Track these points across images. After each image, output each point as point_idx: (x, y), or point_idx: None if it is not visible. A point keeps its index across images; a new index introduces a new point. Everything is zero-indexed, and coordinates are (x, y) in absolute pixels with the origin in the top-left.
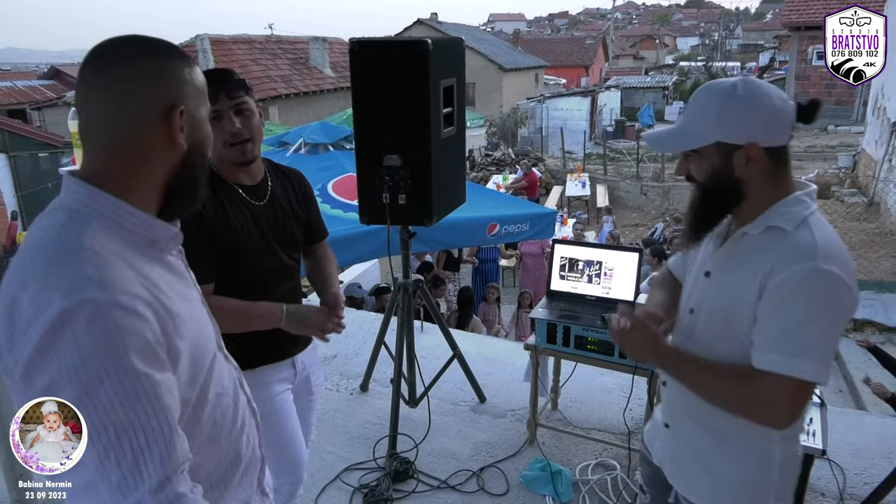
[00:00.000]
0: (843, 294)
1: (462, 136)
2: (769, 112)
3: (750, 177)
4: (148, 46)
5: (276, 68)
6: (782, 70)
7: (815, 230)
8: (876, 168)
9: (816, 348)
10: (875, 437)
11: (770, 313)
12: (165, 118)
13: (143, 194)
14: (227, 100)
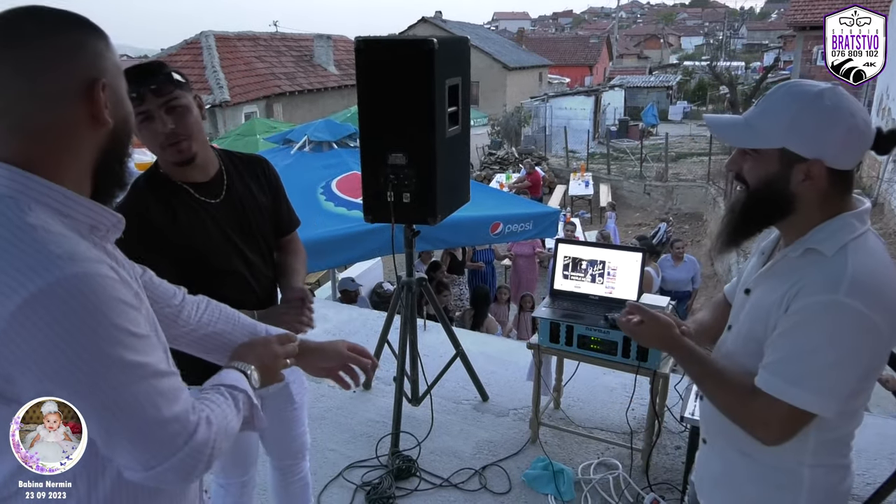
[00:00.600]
0: (862, 331)
1: (467, 135)
2: (849, 131)
3: (804, 194)
4: (59, 18)
5: (280, 66)
6: (787, 70)
7: (852, 258)
8: (880, 169)
9: (819, 379)
10: (877, 437)
11: (781, 336)
12: (87, 95)
13: (72, 179)
14: (154, 98)
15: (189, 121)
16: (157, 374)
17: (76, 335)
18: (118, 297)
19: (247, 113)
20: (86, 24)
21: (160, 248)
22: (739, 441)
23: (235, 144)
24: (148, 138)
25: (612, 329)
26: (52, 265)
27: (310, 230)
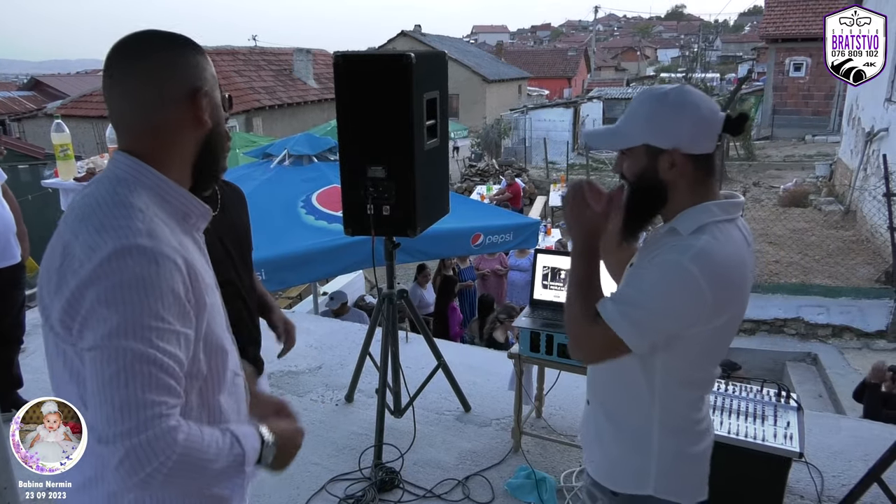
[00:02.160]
0: (691, 291)
1: (445, 147)
2: (695, 121)
3: (673, 180)
4: (170, 38)
5: (259, 80)
6: (760, 81)
7: (706, 237)
8: (852, 177)
9: (644, 320)
10: (852, 440)
11: (628, 278)
12: (193, 100)
13: (176, 171)
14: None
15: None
16: (163, 368)
17: (123, 294)
18: (170, 282)
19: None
20: (190, 42)
21: None
22: (607, 404)
23: None
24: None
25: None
26: (133, 234)
27: (290, 244)
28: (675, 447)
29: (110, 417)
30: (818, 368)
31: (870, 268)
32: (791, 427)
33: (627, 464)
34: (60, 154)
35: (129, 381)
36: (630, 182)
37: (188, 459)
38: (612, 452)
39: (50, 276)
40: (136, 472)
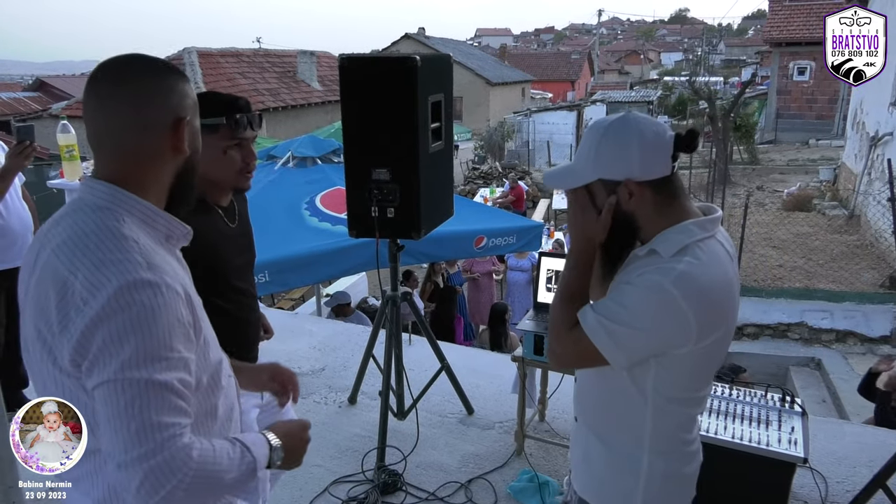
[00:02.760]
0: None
1: (450, 150)
2: (642, 147)
3: (637, 209)
4: (157, 65)
5: (263, 82)
6: (764, 85)
7: (687, 259)
8: (856, 181)
9: (621, 334)
10: (856, 445)
11: (611, 292)
12: (174, 128)
13: (153, 195)
14: (251, 131)
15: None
16: (174, 391)
17: (134, 328)
18: (174, 312)
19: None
20: (176, 69)
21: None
22: (596, 425)
23: None
24: (223, 161)
25: None
26: (134, 268)
27: (294, 245)
28: (664, 468)
29: (127, 443)
30: (822, 373)
31: (874, 272)
32: (795, 432)
33: (615, 484)
34: (66, 155)
35: (144, 408)
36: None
37: (204, 473)
38: (599, 472)
39: (46, 313)
40: (156, 492)
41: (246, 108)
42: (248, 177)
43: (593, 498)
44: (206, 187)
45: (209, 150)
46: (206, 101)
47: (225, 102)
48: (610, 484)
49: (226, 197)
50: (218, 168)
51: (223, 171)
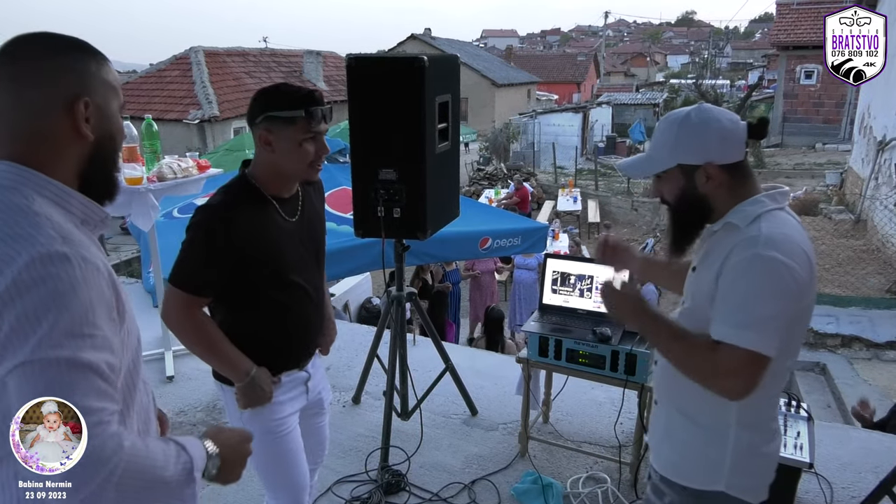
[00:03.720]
0: (782, 273)
1: (456, 151)
2: (720, 134)
3: (712, 192)
4: (55, 42)
5: (270, 81)
6: (771, 88)
7: (765, 224)
8: (863, 186)
9: (761, 322)
10: (862, 451)
11: (721, 293)
12: (69, 109)
13: (61, 179)
14: (324, 124)
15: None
16: (100, 373)
17: (49, 303)
18: (95, 287)
19: (236, 128)
20: (80, 47)
21: (222, 262)
22: (680, 401)
23: (224, 159)
24: (298, 154)
25: (600, 343)
26: (48, 241)
27: None
28: (750, 443)
29: None
30: (826, 378)
31: (880, 277)
32: (801, 437)
33: (700, 458)
34: None
35: (66, 391)
36: (672, 203)
37: (137, 468)
38: (683, 446)
39: None
40: (85, 485)
41: (320, 100)
42: (319, 169)
43: (676, 473)
44: (270, 179)
45: (285, 142)
46: (284, 94)
47: (302, 96)
48: (694, 458)
49: (289, 189)
50: (292, 160)
51: (296, 163)
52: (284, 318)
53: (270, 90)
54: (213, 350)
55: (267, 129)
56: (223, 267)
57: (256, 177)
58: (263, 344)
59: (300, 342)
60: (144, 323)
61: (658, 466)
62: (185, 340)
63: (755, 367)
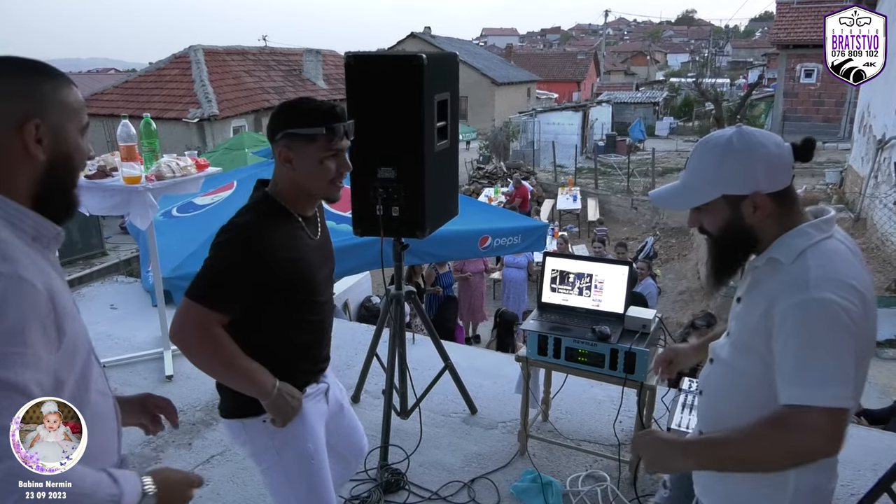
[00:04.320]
0: (839, 316)
1: (455, 149)
2: (767, 160)
3: (759, 222)
4: (8, 64)
5: (269, 80)
6: (771, 87)
7: (812, 260)
8: (862, 184)
9: (831, 375)
10: (861, 449)
11: (782, 350)
12: (19, 130)
13: (12, 198)
14: (346, 141)
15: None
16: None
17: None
18: (30, 304)
19: (235, 127)
20: (35, 69)
21: (249, 281)
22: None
23: (223, 158)
24: (319, 171)
25: (599, 342)
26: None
27: None
28: (812, 483)
29: None
30: None
31: (880, 276)
32: None
33: (757, 500)
34: None
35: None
36: (715, 234)
37: (57, 489)
38: (738, 487)
39: None
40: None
41: (342, 116)
42: (340, 187)
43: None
44: (293, 197)
45: (305, 160)
46: (304, 110)
47: (323, 112)
48: (753, 499)
49: (311, 207)
50: (312, 178)
51: (317, 181)
52: (308, 335)
53: (291, 106)
54: (235, 366)
55: (287, 147)
56: (250, 284)
57: (280, 194)
58: (283, 363)
59: (320, 356)
60: (143, 322)
61: (709, 502)
62: (201, 358)
63: (837, 423)
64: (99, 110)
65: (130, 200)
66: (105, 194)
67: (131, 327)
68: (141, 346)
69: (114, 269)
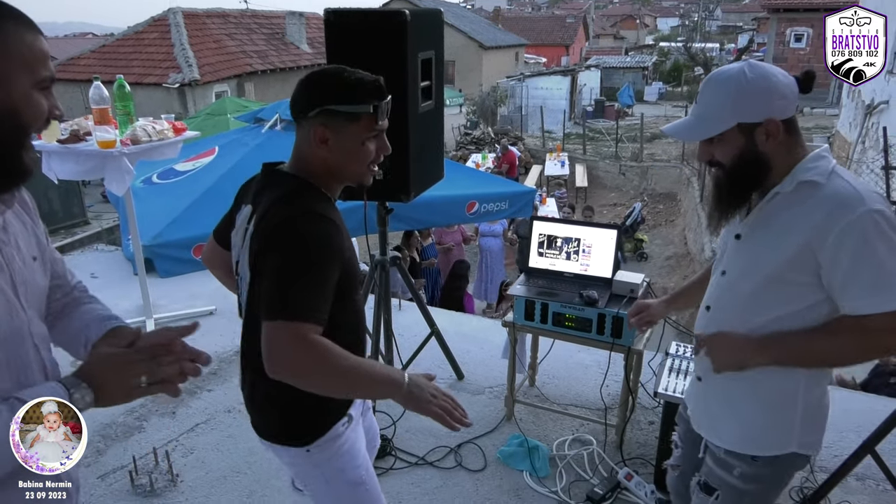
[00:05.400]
0: (894, 223)
1: (440, 111)
2: (779, 88)
3: (772, 149)
4: None
5: (251, 43)
6: (760, 52)
7: (848, 178)
8: (850, 150)
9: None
10: (844, 412)
11: (852, 265)
12: None
13: None
14: (386, 120)
15: None
16: None
17: None
18: None
19: (217, 92)
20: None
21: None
22: (742, 374)
23: (205, 124)
24: (360, 154)
25: (587, 306)
26: None
27: None
28: (818, 398)
29: None
30: None
31: None
32: None
33: (771, 424)
34: None
35: None
36: (728, 165)
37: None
38: (751, 416)
39: None
40: None
41: (386, 92)
42: (375, 171)
43: (744, 444)
44: (327, 180)
45: (345, 141)
46: (348, 83)
47: (369, 87)
48: (763, 426)
49: (338, 191)
50: (350, 161)
51: (355, 164)
52: (350, 335)
53: (330, 77)
54: (356, 366)
55: (324, 125)
56: (332, 283)
57: (314, 178)
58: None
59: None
60: (124, 291)
61: (721, 442)
62: (320, 373)
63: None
64: (76, 75)
65: (105, 165)
66: (79, 159)
67: (112, 296)
68: (122, 314)
69: (96, 238)
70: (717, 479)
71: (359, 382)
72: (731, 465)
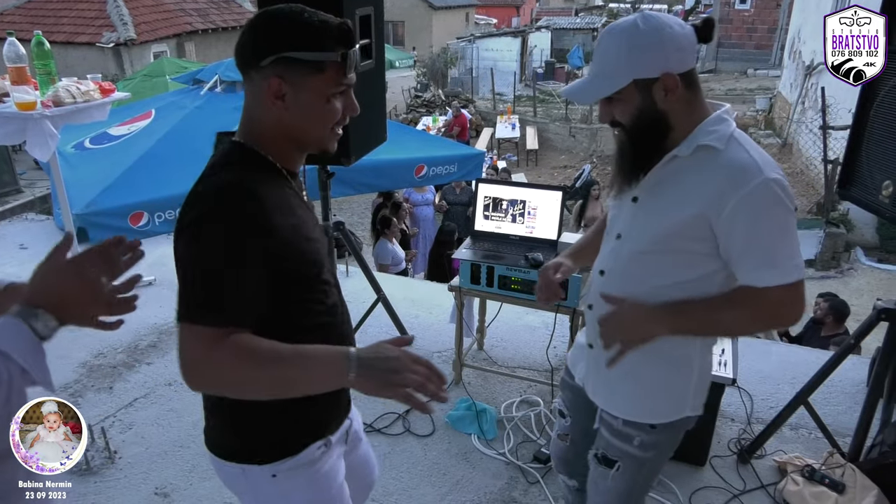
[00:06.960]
0: (789, 192)
1: (381, 70)
2: (674, 40)
3: (671, 106)
4: None
5: (191, 1)
6: (707, 13)
7: (746, 145)
8: (790, 110)
9: (794, 250)
10: (780, 364)
11: (749, 238)
12: None
13: None
14: (355, 73)
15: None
16: None
17: None
18: None
19: (156, 52)
20: None
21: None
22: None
23: (142, 86)
24: (324, 113)
25: (532, 269)
26: None
27: None
28: (707, 362)
29: None
30: None
31: (803, 199)
32: (726, 354)
33: (669, 390)
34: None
35: None
36: (628, 126)
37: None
38: (651, 383)
39: None
40: None
41: (354, 37)
42: (338, 135)
43: (642, 413)
44: (279, 148)
45: (308, 96)
46: (309, 26)
47: (336, 31)
48: (662, 392)
49: (299, 161)
50: (312, 121)
51: (317, 125)
52: (338, 326)
53: (285, 17)
54: (293, 363)
55: (280, 77)
56: (264, 273)
57: (262, 145)
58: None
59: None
60: None
61: (618, 412)
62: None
63: (803, 291)
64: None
65: (26, 129)
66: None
67: None
68: None
69: (28, 207)
70: (617, 451)
71: (294, 383)
72: (630, 436)
